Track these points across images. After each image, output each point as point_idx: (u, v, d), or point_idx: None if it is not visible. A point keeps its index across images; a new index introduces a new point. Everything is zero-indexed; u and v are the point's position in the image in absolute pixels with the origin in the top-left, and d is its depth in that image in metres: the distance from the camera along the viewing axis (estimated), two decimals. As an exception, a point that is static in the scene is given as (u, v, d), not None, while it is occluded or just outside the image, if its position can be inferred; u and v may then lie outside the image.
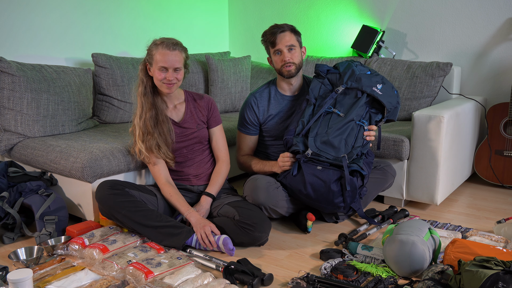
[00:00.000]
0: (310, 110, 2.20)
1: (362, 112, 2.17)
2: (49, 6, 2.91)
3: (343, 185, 2.04)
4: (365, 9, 3.51)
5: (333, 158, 2.07)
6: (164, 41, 2.09)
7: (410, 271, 1.73)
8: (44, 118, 2.51)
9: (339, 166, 2.07)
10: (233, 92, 3.47)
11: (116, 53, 3.27)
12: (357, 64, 2.25)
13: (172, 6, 3.68)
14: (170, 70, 2.08)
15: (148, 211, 2.04)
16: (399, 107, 2.22)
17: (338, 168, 2.07)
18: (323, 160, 2.08)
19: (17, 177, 2.24)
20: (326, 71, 2.28)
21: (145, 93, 2.15)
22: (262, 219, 2.05)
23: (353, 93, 2.19)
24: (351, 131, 2.13)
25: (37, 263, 1.89)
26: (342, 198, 2.06)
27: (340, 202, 2.07)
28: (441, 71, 2.88)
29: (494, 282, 1.40)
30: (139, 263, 1.79)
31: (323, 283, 1.66)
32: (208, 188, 2.25)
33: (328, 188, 2.04)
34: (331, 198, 2.06)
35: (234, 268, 1.76)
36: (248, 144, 2.45)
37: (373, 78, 2.19)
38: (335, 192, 2.04)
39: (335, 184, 2.04)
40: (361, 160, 2.10)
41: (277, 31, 2.25)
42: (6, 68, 2.40)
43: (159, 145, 2.15)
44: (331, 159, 2.07)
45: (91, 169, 2.17)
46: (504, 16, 2.99)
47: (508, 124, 2.88)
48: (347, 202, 2.07)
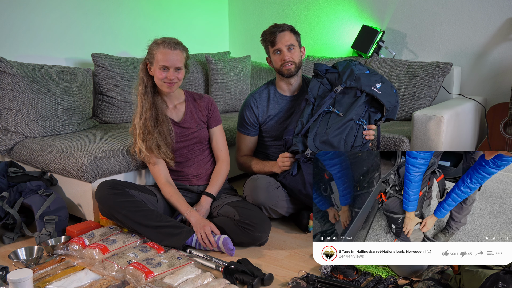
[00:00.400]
0: (309, 109, 2.20)
1: (361, 112, 2.16)
2: (49, 6, 2.91)
3: None
4: (365, 9, 3.51)
5: None
6: (166, 40, 2.09)
7: (410, 271, 1.73)
8: (44, 118, 2.51)
9: None
10: (233, 92, 3.47)
11: (116, 53, 3.27)
12: (356, 64, 2.25)
13: (172, 6, 3.68)
14: (171, 69, 2.08)
15: (148, 211, 2.04)
16: (398, 106, 2.22)
17: None
18: None
19: (17, 177, 2.24)
20: (325, 70, 2.27)
21: (145, 92, 2.15)
22: (262, 219, 2.05)
23: (352, 93, 2.18)
24: (350, 130, 2.13)
25: (37, 263, 1.89)
26: None
27: None
28: (441, 71, 2.88)
29: (494, 282, 1.40)
30: (139, 263, 1.79)
31: (323, 283, 1.66)
32: (208, 188, 2.25)
33: None
34: None
35: (234, 268, 1.76)
36: (248, 144, 2.45)
37: (372, 77, 2.18)
38: None
39: None
40: None
41: (277, 31, 2.25)
42: (6, 68, 2.40)
43: (159, 144, 2.15)
44: None
45: (91, 169, 2.17)
46: (504, 16, 2.99)
47: (508, 124, 2.88)
48: None
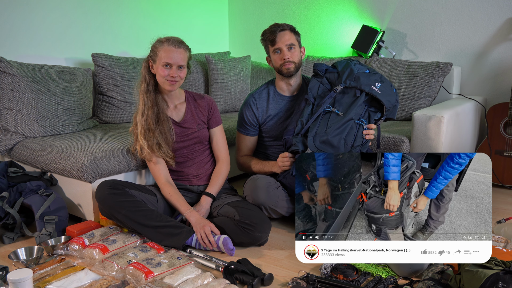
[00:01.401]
0: (309, 109, 2.20)
1: (361, 111, 2.16)
2: (49, 6, 2.91)
3: None
4: (365, 9, 3.51)
5: None
6: (170, 38, 2.11)
7: (410, 271, 1.73)
8: (44, 118, 2.51)
9: None
10: (233, 92, 3.47)
11: (116, 53, 3.27)
12: (355, 63, 2.25)
13: (172, 6, 3.68)
14: (174, 67, 2.08)
15: (148, 211, 2.04)
16: (398, 105, 2.22)
17: None
18: None
19: (17, 177, 2.24)
20: (325, 70, 2.27)
21: (147, 90, 2.15)
22: (262, 219, 2.05)
23: (351, 92, 2.18)
24: (350, 130, 2.12)
25: (37, 263, 1.89)
26: None
27: None
28: (441, 71, 2.88)
29: (494, 282, 1.40)
30: (139, 263, 1.79)
31: (323, 283, 1.66)
32: (208, 188, 2.25)
33: None
34: None
35: (234, 268, 1.76)
36: (248, 144, 2.45)
37: (371, 77, 2.18)
38: None
39: None
40: None
41: (277, 30, 2.25)
42: (6, 68, 2.40)
43: (160, 143, 2.15)
44: None
45: (91, 169, 2.17)
46: (504, 16, 2.99)
47: (508, 124, 2.88)
48: None
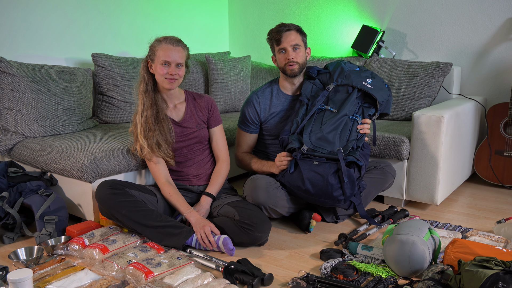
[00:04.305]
0: (304, 109, 2.25)
1: (355, 107, 2.21)
2: (49, 6, 2.91)
3: (341, 178, 2.04)
4: (365, 9, 3.51)
5: (329, 152, 2.09)
6: (168, 37, 2.12)
7: (410, 271, 1.73)
8: (44, 118, 2.51)
9: (335, 159, 2.08)
10: (233, 92, 3.47)
11: (116, 53, 3.27)
12: (345, 62, 2.34)
13: (172, 6, 3.68)
14: (173, 65, 2.09)
15: (148, 211, 2.04)
16: (391, 100, 2.28)
17: (334, 161, 2.08)
18: (319, 155, 2.09)
19: (17, 177, 2.24)
20: (317, 72, 2.35)
21: (146, 90, 2.15)
22: (262, 219, 2.05)
23: (344, 89, 2.24)
24: (345, 125, 2.16)
25: (37, 263, 1.89)
26: (341, 191, 2.06)
27: (340, 195, 2.07)
28: (441, 71, 2.88)
29: (494, 282, 1.40)
30: (139, 263, 1.79)
31: (323, 283, 1.66)
32: (208, 188, 2.25)
33: (326, 181, 2.04)
34: (330, 191, 2.05)
35: (234, 268, 1.76)
36: (248, 142, 2.46)
37: (362, 74, 2.26)
38: (334, 185, 2.04)
39: (332, 176, 2.04)
40: (357, 152, 2.12)
41: (283, 30, 2.26)
42: (6, 68, 2.40)
43: (159, 143, 2.16)
44: (326, 153, 2.09)
45: (91, 169, 2.17)
46: (504, 16, 2.99)
47: (508, 124, 2.88)
48: (346, 194, 2.07)
